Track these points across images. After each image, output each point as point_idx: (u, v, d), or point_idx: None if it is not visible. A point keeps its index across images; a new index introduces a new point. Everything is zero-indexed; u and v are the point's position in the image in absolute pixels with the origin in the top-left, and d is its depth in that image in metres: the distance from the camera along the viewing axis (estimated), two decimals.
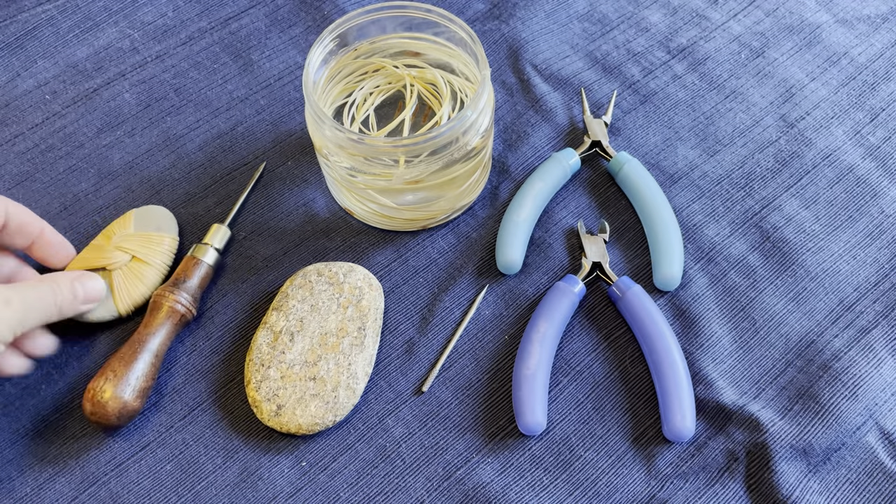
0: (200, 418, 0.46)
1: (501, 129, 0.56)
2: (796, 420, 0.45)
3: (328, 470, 0.44)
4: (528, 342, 0.46)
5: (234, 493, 0.43)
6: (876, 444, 0.44)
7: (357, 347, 0.46)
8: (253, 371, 0.45)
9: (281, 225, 0.52)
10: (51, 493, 0.43)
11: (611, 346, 0.48)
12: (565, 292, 0.47)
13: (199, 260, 0.48)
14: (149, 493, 0.43)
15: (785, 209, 0.53)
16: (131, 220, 0.50)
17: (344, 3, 0.62)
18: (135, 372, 0.43)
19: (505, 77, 0.59)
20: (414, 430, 0.45)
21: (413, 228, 0.52)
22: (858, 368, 0.46)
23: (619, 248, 0.51)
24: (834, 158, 0.55)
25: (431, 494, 0.43)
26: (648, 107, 0.57)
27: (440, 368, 0.47)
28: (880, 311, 0.49)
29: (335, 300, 0.47)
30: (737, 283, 0.50)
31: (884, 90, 0.58)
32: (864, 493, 0.43)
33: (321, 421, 0.44)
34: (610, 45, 0.60)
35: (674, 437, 0.44)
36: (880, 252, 0.51)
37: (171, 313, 0.45)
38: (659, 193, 0.52)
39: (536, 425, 0.44)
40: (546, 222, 0.52)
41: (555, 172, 0.52)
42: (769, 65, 0.59)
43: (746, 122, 0.57)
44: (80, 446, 0.45)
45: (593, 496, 0.43)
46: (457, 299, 0.49)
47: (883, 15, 0.62)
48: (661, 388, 0.45)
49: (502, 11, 0.62)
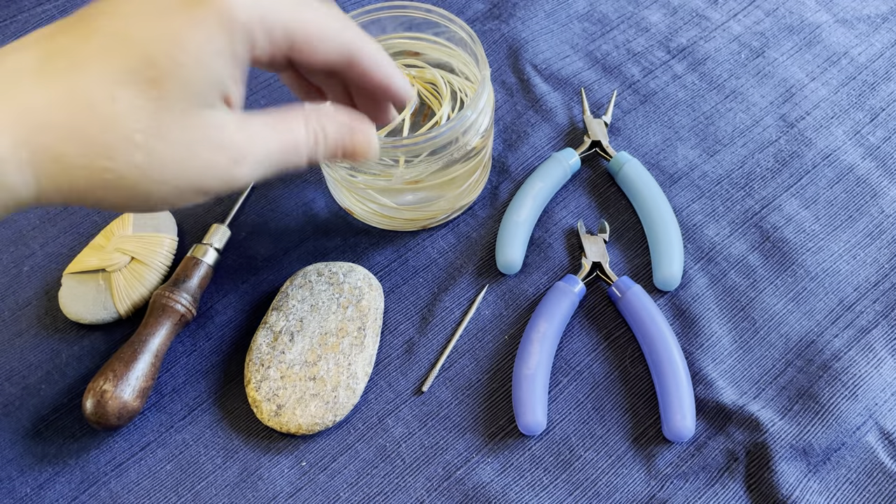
0: (200, 418, 0.46)
1: (501, 129, 0.56)
2: (796, 420, 0.45)
3: (328, 470, 0.44)
4: (528, 342, 0.46)
5: (234, 493, 0.43)
6: (876, 444, 0.44)
7: (357, 347, 0.46)
8: (253, 371, 0.45)
9: (281, 225, 0.52)
10: (51, 493, 0.43)
11: (611, 346, 0.48)
12: (565, 292, 0.47)
13: (199, 260, 0.48)
14: (149, 493, 0.43)
15: (785, 209, 0.53)
16: (130, 221, 0.50)
17: (344, 3, 0.62)
18: (135, 372, 0.43)
19: (505, 77, 0.59)
20: (414, 430, 0.45)
21: (413, 228, 0.52)
22: (858, 368, 0.46)
23: (619, 248, 0.51)
24: (834, 158, 0.55)
25: (431, 494, 0.43)
26: (648, 107, 0.57)
27: (440, 368, 0.47)
28: (880, 311, 0.49)
29: (335, 300, 0.47)
30: (737, 283, 0.50)
31: (884, 90, 0.58)
32: (864, 493, 0.43)
33: (321, 421, 0.44)
34: (610, 45, 0.60)
35: (674, 437, 0.44)
36: (880, 252, 0.51)
37: (171, 313, 0.45)
38: (659, 193, 0.52)
39: (536, 425, 0.44)
40: (546, 222, 0.52)
41: (555, 172, 0.52)
42: (769, 65, 0.59)
43: (746, 121, 0.57)
44: (80, 446, 0.45)
45: (593, 496, 0.43)
46: (457, 299, 0.49)
47: (883, 15, 0.62)
48: (661, 388, 0.45)
49: (502, 11, 0.62)
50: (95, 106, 0.27)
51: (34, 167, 0.27)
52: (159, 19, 0.28)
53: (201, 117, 0.29)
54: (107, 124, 0.27)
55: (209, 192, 0.31)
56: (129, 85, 0.27)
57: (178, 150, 0.29)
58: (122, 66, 0.27)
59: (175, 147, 0.29)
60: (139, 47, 0.28)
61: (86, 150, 0.27)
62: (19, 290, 0.50)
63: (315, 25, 0.32)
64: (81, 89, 0.27)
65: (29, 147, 0.27)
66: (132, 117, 0.28)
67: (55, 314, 0.49)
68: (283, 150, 0.33)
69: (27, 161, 0.27)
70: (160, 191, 0.29)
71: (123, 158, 0.28)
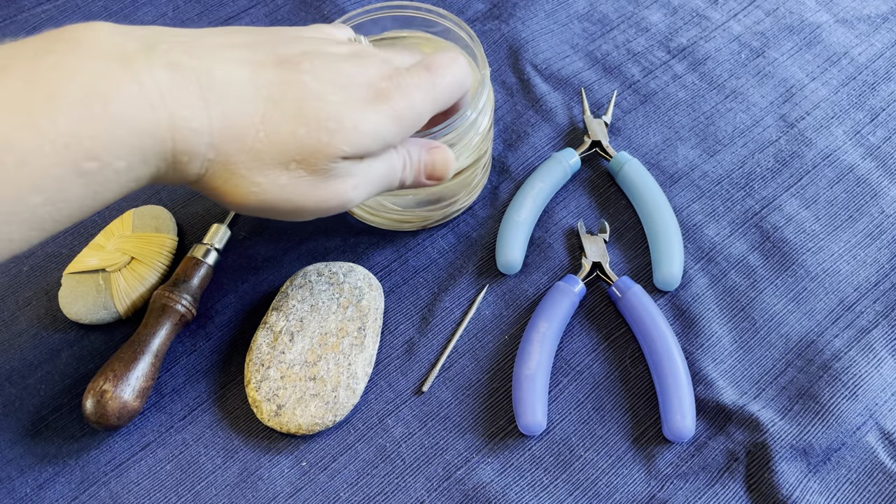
0: (200, 418, 0.46)
1: (501, 129, 0.56)
2: (796, 420, 0.45)
3: (328, 470, 0.44)
4: (528, 342, 0.46)
5: (234, 493, 0.43)
6: (876, 444, 0.44)
7: (357, 347, 0.46)
8: (253, 371, 0.45)
9: (281, 225, 0.52)
10: (51, 493, 0.43)
11: (611, 346, 0.48)
12: (565, 292, 0.47)
13: (199, 260, 0.48)
14: (149, 493, 0.43)
15: (785, 209, 0.53)
16: (130, 220, 0.50)
17: (344, 3, 0.62)
18: (135, 372, 0.43)
19: (505, 77, 0.59)
20: (414, 430, 0.45)
21: (413, 228, 0.52)
22: (858, 368, 0.46)
23: (619, 248, 0.51)
24: (834, 158, 0.55)
25: (431, 494, 0.43)
26: (648, 107, 0.57)
27: (440, 368, 0.47)
28: (880, 311, 0.49)
29: (335, 300, 0.47)
30: (737, 283, 0.50)
31: (884, 90, 0.58)
32: (864, 493, 0.43)
33: (321, 421, 0.44)
34: (610, 45, 0.60)
35: (674, 437, 0.44)
36: (880, 252, 0.51)
37: (171, 313, 0.45)
38: (659, 193, 0.52)
39: (536, 425, 0.44)
40: (546, 222, 0.52)
41: (555, 172, 0.52)
42: (769, 65, 0.59)
43: (746, 121, 0.57)
44: (80, 446, 0.45)
45: (593, 496, 0.43)
46: (457, 299, 0.49)
47: (883, 15, 0.62)
48: (661, 388, 0.45)
49: (502, 11, 0.62)
50: (277, 136, 0.33)
51: (210, 164, 0.33)
52: (355, 93, 0.35)
53: (344, 162, 0.35)
54: (278, 151, 0.34)
55: (327, 213, 0.37)
56: (311, 130, 0.34)
57: (316, 178, 0.35)
58: (310, 115, 0.34)
59: (315, 176, 0.35)
60: (330, 109, 0.34)
61: (251, 166, 0.34)
62: (19, 290, 0.50)
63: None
64: (273, 120, 0.33)
65: (216, 150, 0.33)
66: (298, 149, 0.34)
67: (55, 314, 0.49)
68: (385, 174, 0.38)
69: (210, 159, 0.33)
70: (286, 207, 0.36)
71: (273, 177, 0.34)
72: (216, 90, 0.32)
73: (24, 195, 0.28)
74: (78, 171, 0.29)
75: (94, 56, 0.30)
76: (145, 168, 0.32)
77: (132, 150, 0.31)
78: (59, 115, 0.28)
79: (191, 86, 0.32)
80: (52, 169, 0.29)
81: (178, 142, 0.32)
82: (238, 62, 0.34)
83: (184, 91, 0.32)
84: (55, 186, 0.29)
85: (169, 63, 0.32)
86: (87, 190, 0.30)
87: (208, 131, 0.32)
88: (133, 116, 0.30)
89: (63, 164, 0.29)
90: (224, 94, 0.33)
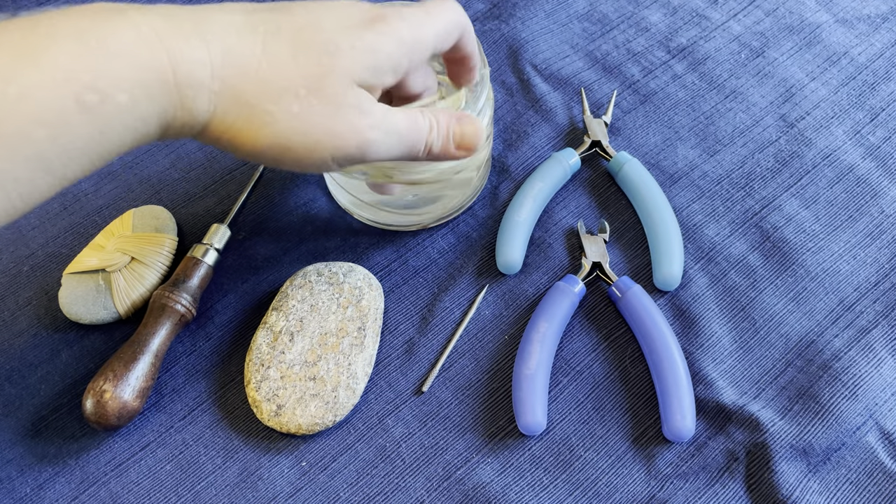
0: (200, 418, 0.46)
1: (501, 129, 0.56)
2: (796, 420, 0.45)
3: (328, 470, 0.44)
4: (528, 342, 0.46)
5: (234, 493, 0.43)
6: (876, 444, 0.44)
7: (357, 347, 0.46)
8: (253, 371, 0.45)
9: (280, 225, 0.52)
10: (51, 493, 0.43)
11: (611, 346, 0.48)
12: (565, 292, 0.47)
13: (199, 260, 0.48)
14: (149, 493, 0.43)
15: (785, 209, 0.53)
16: (130, 221, 0.50)
17: None
18: (135, 372, 0.43)
19: (505, 77, 0.59)
20: (414, 430, 0.45)
21: (413, 228, 0.52)
22: (858, 368, 0.46)
23: (619, 248, 0.51)
24: (834, 158, 0.55)
25: (431, 494, 0.43)
26: (648, 107, 0.57)
27: (440, 368, 0.47)
28: (880, 311, 0.49)
29: (335, 300, 0.47)
30: (737, 283, 0.50)
31: (884, 90, 0.58)
32: (864, 493, 0.43)
33: (321, 421, 0.44)
34: (610, 45, 0.60)
35: (674, 437, 0.44)
36: (880, 252, 0.51)
37: (171, 313, 0.45)
38: (659, 193, 0.52)
39: (536, 425, 0.44)
40: (546, 222, 0.52)
41: (555, 172, 0.52)
42: (769, 65, 0.59)
43: (746, 121, 0.57)
44: (79, 446, 0.45)
45: (593, 496, 0.43)
46: (457, 299, 0.49)
47: (883, 15, 0.62)
48: (661, 388, 0.45)
49: (502, 11, 0.62)
50: (279, 62, 0.34)
51: (218, 97, 0.33)
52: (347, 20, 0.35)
53: (354, 89, 0.35)
54: (283, 77, 0.34)
55: (343, 152, 0.36)
56: (311, 54, 0.34)
57: (328, 108, 0.35)
58: (308, 40, 0.34)
59: (327, 106, 0.35)
60: (326, 34, 0.35)
61: (260, 93, 0.34)
62: (19, 290, 0.50)
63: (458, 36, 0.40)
64: (273, 48, 0.34)
65: (222, 81, 0.33)
66: (303, 75, 0.34)
67: (55, 314, 0.49)
68: (409, 129, 0.38)
69: (216, 91, 0.33)
70: (302, 143, 0.35)
71: (284, 106, 0.34)
72: (214, 29, 0.33)
73: (27, 128, 0.29)
74: (79, 104, 0.30)
75: (90, 9, 0.31)
76: (150, 105, 0.32)
77: (133, 83, 0.31)
78: (57, 50, 0.29)
79: (186, 25, 0.32)
80: (53, 102, 0.29)
81: (180, 74, 0.32)
82: (231, 11, 0.35)
83: (180, 30, 0.32)
84: (57, 120, 0.29)
85: (164, 13, 0.32)
86: (92, 128, 0.30)
87: (209, 62, 0.32)
88: (131, 52, 0.31)
89: (64, 96, 0.29)
90: (221, 32, 0.33)
